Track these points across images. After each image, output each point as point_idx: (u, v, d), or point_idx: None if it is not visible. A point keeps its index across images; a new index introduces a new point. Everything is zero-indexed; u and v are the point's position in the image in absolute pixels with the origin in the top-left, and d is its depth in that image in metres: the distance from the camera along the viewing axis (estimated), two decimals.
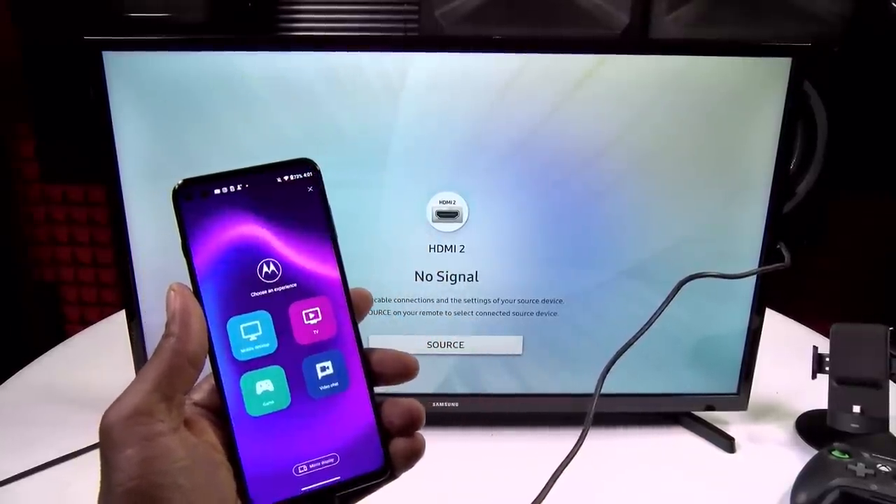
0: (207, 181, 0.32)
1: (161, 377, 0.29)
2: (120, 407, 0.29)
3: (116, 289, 1.77)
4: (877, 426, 0.69)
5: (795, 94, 0.64)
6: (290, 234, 0.33)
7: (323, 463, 0.32)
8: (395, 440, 0.33)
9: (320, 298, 0.33)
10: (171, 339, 0.30)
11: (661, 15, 1.34)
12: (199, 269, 0.32)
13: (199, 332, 0.31)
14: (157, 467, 0.27)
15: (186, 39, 0.62)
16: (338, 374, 0.33)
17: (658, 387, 0.73)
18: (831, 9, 1.30)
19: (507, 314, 0.70)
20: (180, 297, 0.31)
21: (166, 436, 0.28)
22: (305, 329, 0.33)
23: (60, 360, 0.90)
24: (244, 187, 0.33)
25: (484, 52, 0.63)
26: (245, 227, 0.32)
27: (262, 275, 0.32)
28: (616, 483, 0.67)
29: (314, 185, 0.34)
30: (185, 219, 0.32)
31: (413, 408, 0.33)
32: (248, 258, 0.32)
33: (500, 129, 0.65)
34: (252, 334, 0.32)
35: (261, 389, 0.32)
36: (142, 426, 0.28)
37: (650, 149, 0.66)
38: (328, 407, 0.33)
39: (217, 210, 0.32)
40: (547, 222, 0.68)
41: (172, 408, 0.29)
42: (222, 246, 0.32)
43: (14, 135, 1.72)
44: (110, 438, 0.28)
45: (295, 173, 0.33)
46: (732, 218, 0.68)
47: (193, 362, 0.30)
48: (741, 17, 1.31)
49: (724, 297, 0.70)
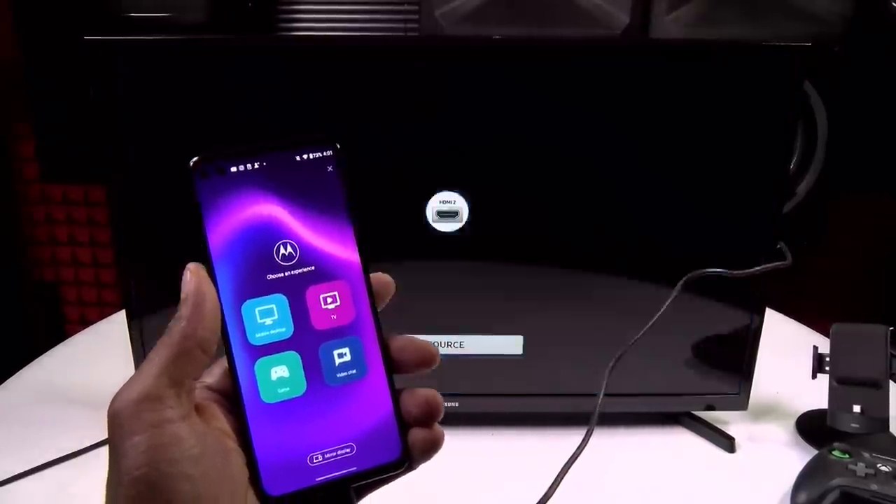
0: (223, 157, 0.31)
1: (169, 362, 0.28)
2: (128, 392, 0.28)
3: (116, 289, 1.77)
4: (877, 426, 0.69)
5: (795, 94, 0.64)
6: (308, 214, 0.32)
7: (339, 453, 0.31)
8: (413, 430, 0.32)
9: (339, 282, 0.32)
10: (181, 322, 0.29)
11: (661, 15, 1.34)
12: (213, 250, 0.30)
13: (212, 316, 0.30)
14: (165, 455, 0.27)
15: (186, 39, 0.62)
16: (355, 361, 0.32)
17: (658, 387, 0.73)
18: (831, 9, 1.30)
19: (508, 314, 0.70)
20: (195, 278, 0.30)
21: (175, 423, 0.27)
22: (323, 314, 0.32)
23: (60, 360, 0.90)
24: (262, 165, 0.31)
25: (484, 55, 0.63)
26: (262, 207, 0.31)
27: (279, 257, 0.31)
28: (616, 483, 0.67)
29: (335, 165, 0.32)
30: (201, 197, 0.30)
31: (432, 398, 0.32)
32: (265, 239, 0.31)
33: (500, 129, 0.65)
34: (268, 318, 0.31)
35: (276, 375, 0.31)
36: (150, 412, 0.27)
37: (650, 149, 0.66)
38: (345, 395, 0.32)
39: (233, 188, 0.31)
40: (546, 222, 0.68)
41: (182, 393, 0.28)
42: (238, 226, 0.31)
43: (14, 135, 1.72)
44: (118, 424, 0.27)
45: (315, 151, 0.32)
46: (732, 218, 0.68)
47: (204, 347, 0.29)
48: (741, 17, 1.31)
49: (725, 296, 0.70)
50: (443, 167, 0.66)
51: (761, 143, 0.66)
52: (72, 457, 0.68)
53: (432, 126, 0.65)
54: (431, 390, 0.32)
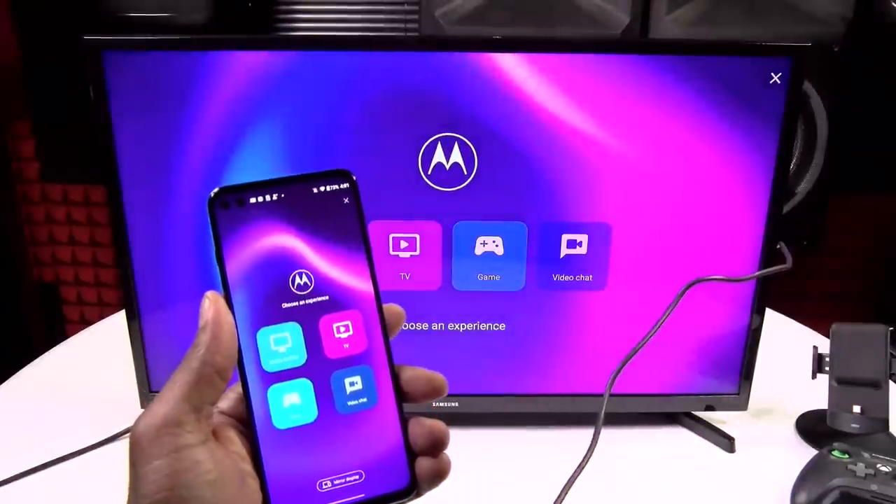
0: (243, 190, 0.32)
1: (190, 387, 0.29)
2: (150, 416, 0.29)
3: (116, 289, 1.77)
4: (877, 426, 0.69)
5: (795, 94, 0.64)
6: (324, 245, 0.33)
7: (348, 479, 0.32)
8: (420, 460, 0.32)
9: (352, 312, 0.33)
10: (200, 348, 0.30)
11: (661, 15, 1.34)
12: (231, 278, 0.32)
13: (230, 343, 0.31)
14: (184, 480, 0.28)
15: (186, 39, 0.62)
16: (366, 389, 0.32)
17: (658, 387, 0.73)
18: (831, 9, 1.30)
19: (507, 314, 0.71)
20: (214, 306, 0.31)
21: (195, 448, 0.28)
22: (335, 343, 0.32)
23: (60, 360, 0.90)
24: (280, 197, 0.32)
25: (484, 53, 0.63)
26: (279, 238, 0.32)
27: (294, 286, 0.32)
28: (616, 483, 0.67)
29: (350, 197, 0.33)
30: (220, 227, 0.32)
31: (438, 429, 0.32)
32: (281, 268, 0.32)
33: (499, 129, 0.65)
34: (281, 346, 0.32)
35: (288, 402, 0.32)
36: (171, 437, 0.28)
37: (649, 149, 0.66)
38: (355, 423, 0.32)
39: (252, 219, 0.32)
40: (545, 222, 0.68)
41: (201, 419, 0.29)
42: (256, 255, 0.32)
43: (14, 135, 1.72)
44: (140, 448, 0.28)
45: (331, 184, 0.33)
46: (732, 218, 0.68)
47: (222, 373, 0.30)
48: (741, 17, 1.31)
49: (725, 297, 0.70)
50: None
51: (761, 143, 0.66)
52: (72, 457, 0.68)
53: (433, 126, 0.65)
54: (437, 421, 0.33)
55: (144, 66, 0.62)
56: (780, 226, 0.68)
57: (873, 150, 1.43)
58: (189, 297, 0.69)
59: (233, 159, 0.64)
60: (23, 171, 1.75)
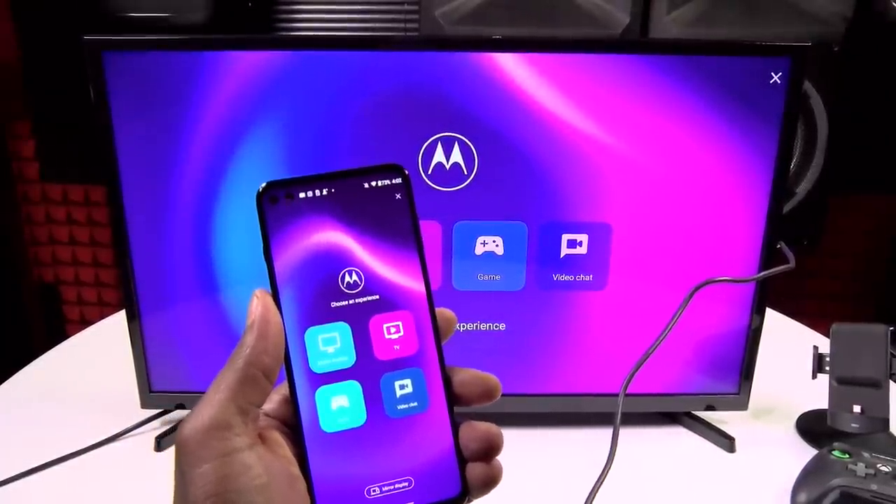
0: (292, 184, 0.31)
1: (236, 389, 0.28)
2: (197, 419, 0.28)
3: (116, 289, 1.77)
4: (877, 426, 0.69)
5: (795, 94, 0.64)
6: (374, 242, 0.31)
7: (397, 486, 0.30)
8: (471, 465, 0.31)
9: (403, 312, 0.32)
10: (246, 348, 0.29)
11: (661, 15, 1.34)
12: (279, 276, 0.30)
13: (277, 343, 0.30)
14: (234, 485, 0.27)
15: (186, 39, 0.62)
16: (417, 393, 0.31)
17: (658, 387, 0.73)
18: (831, 9, 1.30)
19: (507, 314, 0.71)
20: (262, 305, 0.30)
21: (243, 451, 0.28)
22: (386, 344, 0.31)
23: (60, 360, 0.90)
24: (330, 192, 0.31)
25: (484, 52, 0.63)
26: (329, 234, 0.31)
27: (343, 284, 0.31)
28: (616, 482, 0.67)
29: (402, 193, 0.32)
30: (269, 223, 0.30)
31: (492, 433, 0.31)
32: (331, 266, 0.31)
33: (499, 129, 0.65)
34: (330, 346, 0.31)
35: (336, 405, 0.31)
36: (219, 440, 0.27)
37: (649, 149, 0.66)
38: (405, 427, 0.31)
39: (301, 215, 0.31)
40: (545, 222, 0.68)
41: (248, 421, 0.28)
42: (305, 252, 0.31)
43: (14, 135, 1.72)
44: (187, 451, 0.27)
45: (384, 179, 0.32)
46: (732, 217, 0.68)
47: (268, 374, 0.29)
48: (741, 17, 1.31)
49: (725, 297, 0.70)
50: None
51: (761, 143, 0.66)
52: (72, 457, 0.68)
53: (433, 125, 0.65)
54: (491, 424, 0.32)
55: (144, 66, 0.62)
56: (780, 226, 0.68)
57: (873, 150, 1.43)
58: (189, 298, 0.69)
59: (233, 159, 0.64)
60: (23, 171, 1.75)
